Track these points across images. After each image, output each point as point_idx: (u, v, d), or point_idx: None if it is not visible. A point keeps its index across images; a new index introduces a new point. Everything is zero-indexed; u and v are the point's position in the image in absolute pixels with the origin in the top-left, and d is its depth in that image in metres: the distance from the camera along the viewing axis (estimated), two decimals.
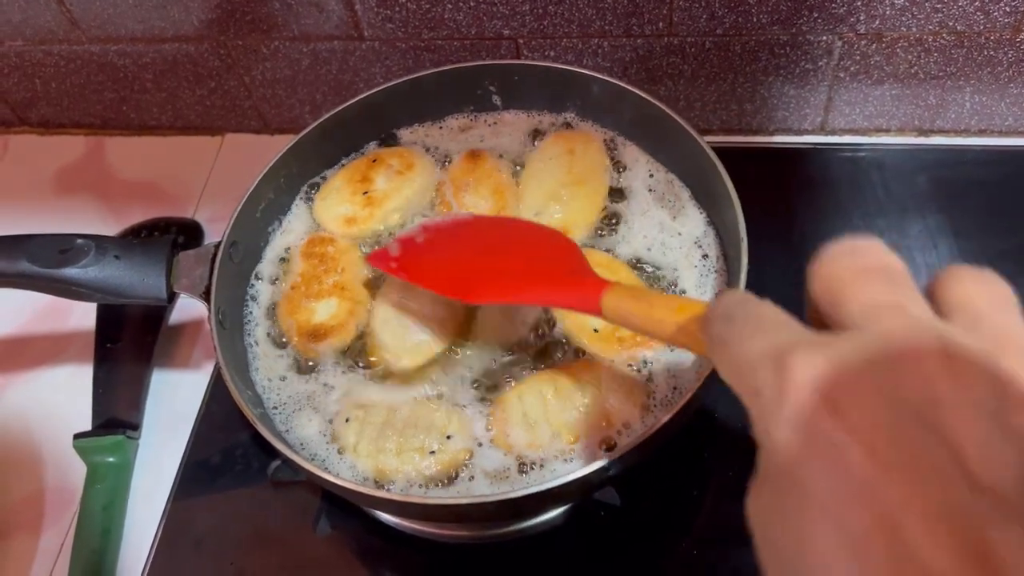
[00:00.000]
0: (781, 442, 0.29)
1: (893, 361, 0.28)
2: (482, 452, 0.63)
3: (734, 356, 0.33)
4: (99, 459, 0.79)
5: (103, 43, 0.97)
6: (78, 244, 0.65)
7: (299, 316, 0.71)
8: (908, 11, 0.82)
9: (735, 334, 0.34)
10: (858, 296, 0.32)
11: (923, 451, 0.26)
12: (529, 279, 0.61)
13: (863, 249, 0.33)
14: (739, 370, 0.33)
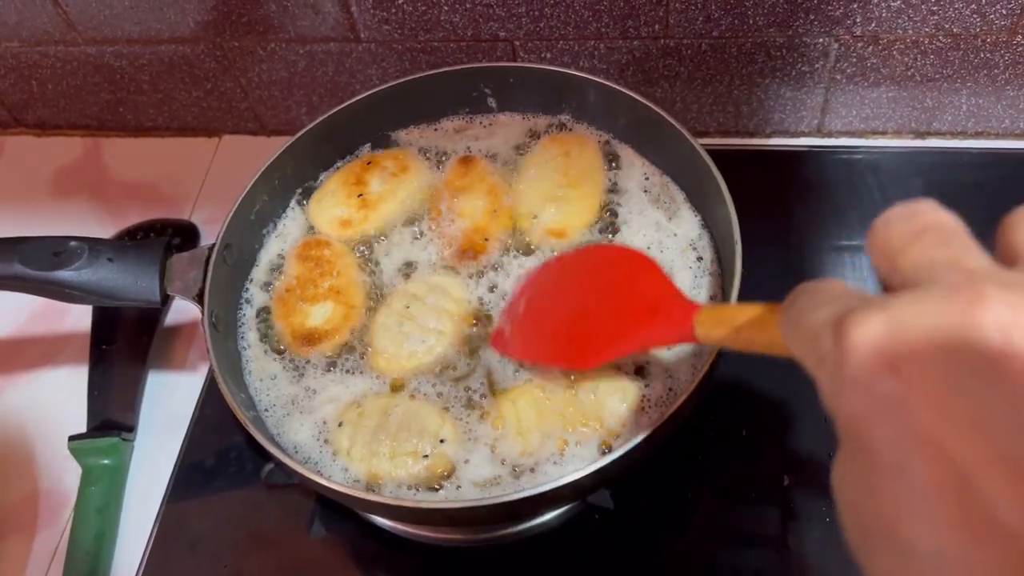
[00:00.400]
0: (845, 406, 0.29)
1: (948, 314, 0.27)
2: (476, 456, 0.63)
3: (800, 333, 0.33)
4: (94, 461, 0.79)
5: (99, 45, 0.97)
6: (71, 247, 0.65)
7: (293, 319, 0.71)
8: (904, 13, 0.82)
9: (800, 307, 0.34)
10: (912, 256, 0.31)
11: (985, 402, 0.26)
12: (622, 328, 0.59)
13: (913, 212, 0.33)
14: (805, 344, 0.33)
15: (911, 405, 0.27)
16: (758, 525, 0.69)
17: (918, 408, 0.27)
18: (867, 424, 0.28)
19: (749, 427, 0.74)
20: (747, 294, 0.63)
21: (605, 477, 0.58)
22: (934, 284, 0.29)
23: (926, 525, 0.27)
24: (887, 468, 0.27)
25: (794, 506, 0.70)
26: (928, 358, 0.27)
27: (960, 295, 0.27)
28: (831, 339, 0.30)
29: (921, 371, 0.27)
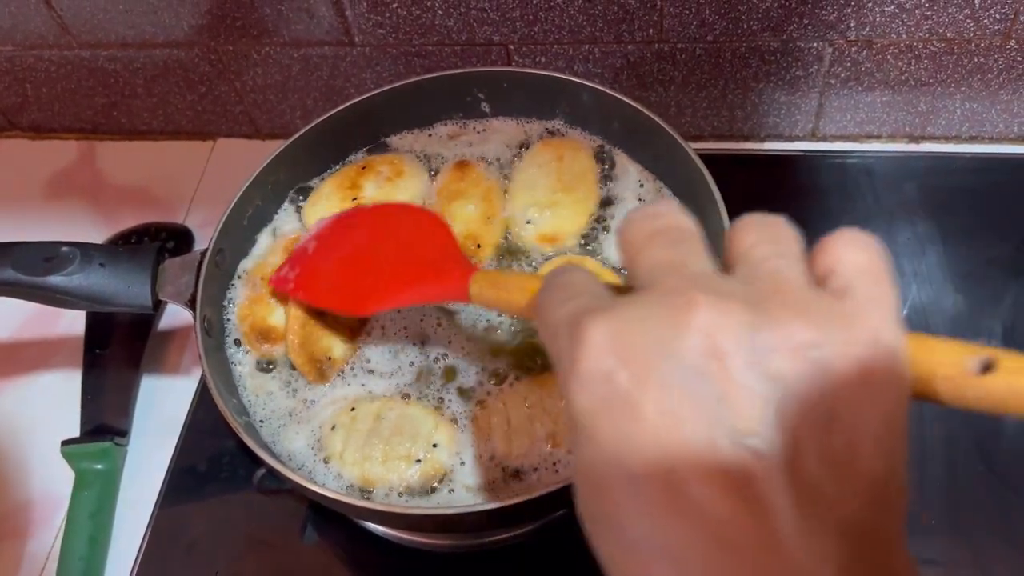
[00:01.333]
0: (575, 403, 0.31)
1: (665, 317, 0.30)
2: (468, 461, 0.63)
3: (545, 323, 0.35)
4: (87, 466, 0.79)
5: (93, 48, 0.97)
6: (63, 252, 0.65)
7: (256, 309, 0.71)
8: (898, 18, 0.82)
9: (546, 301, 0.35)
10: (645, 257, 0.34)
11: (698, 403, 0.28)
12: (405, 280, 0.62)
13: (653, 213, 0.36)
14: (548, 335, 0.35)
15: (631, 406, 0.29)
16: None
17: (637, 409, 0.29)
18: (593, 421, 0.30)
19: None
20: None
21: None
22: (656, 287, 0.32)
23: (639, 511, 0.29)
24: (609, 457, 0.29)
25: None
26: (644, 357, 0.29)
27: (674, 298, 0.30)
28: (567, 338, 0.32)
29: (639, 369, 0.29)
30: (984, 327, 0.78)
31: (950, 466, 0.71)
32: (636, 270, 0.34)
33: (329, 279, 0.67)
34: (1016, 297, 0.79)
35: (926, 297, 0.81)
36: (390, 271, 0.64)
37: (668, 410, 0.28)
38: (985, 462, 0.71)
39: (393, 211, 0.72)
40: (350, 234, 0.69)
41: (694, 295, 0.30)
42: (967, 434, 0.73)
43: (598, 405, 0.30)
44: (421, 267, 0.62)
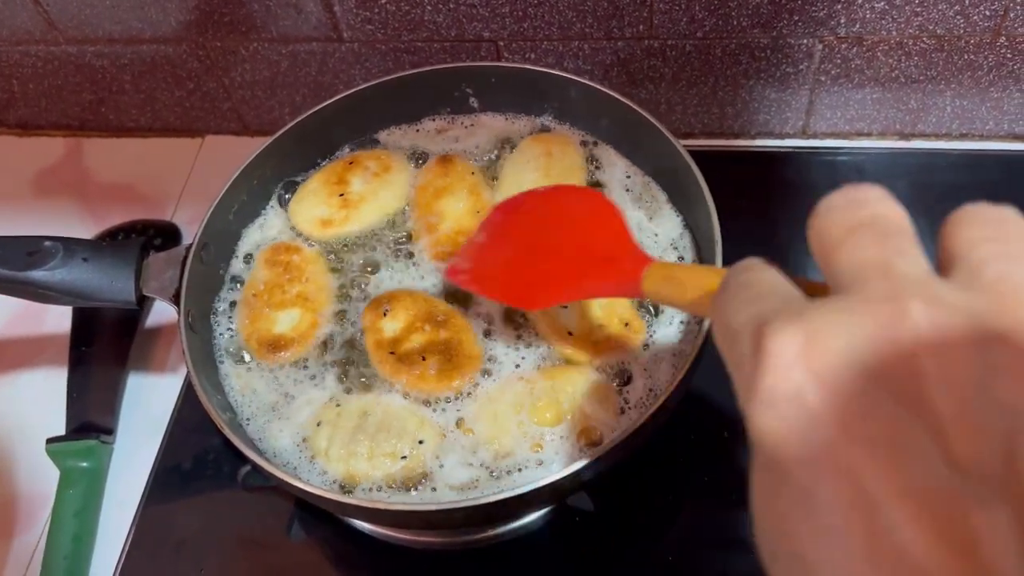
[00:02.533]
0: (756, 418, 0.27)
1: (868, 328, 0.25)
2: (454, 458, 0.63)
3: (722, 327, 0.31)
4: (72, 464, 0.78)
5: (80, 44, 0.97)
6: (46, 246, 0.64)
7: (259, 325, 0.70)
8: (888, 15, 0.82)
9: (726, 302, 0.32)
10: (845, 253, 0.29)
11: (900, 428, 0.24)
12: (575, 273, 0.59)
13: (855, 200, 0.30)
14: (725, 341, 0.31)
15: (824, 427, 0.25)
16: (738, 528, 0.69)
17: (830, 429, 0.25)
18: (777, 442, 0.26)
19: (730, 429, 0.74)
20: None
21: (584, 479, 0.57)
22: (860, 291, 0.27)
23: (832, 556, 0.25)
24: (795, 491, 0.26)
25: None
26: (844, 377, 0.25)
27: (883, 308, 0.26)
28: (749, 345, 0.28)
29: (836, 391, 0.25)
30: None
31: None
32: (834, 269, 0.29)
33: (500, 271, 0.65)
34: None
35: None
36: (560, 263, 0.60)
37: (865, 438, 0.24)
38: None
39: (564, 195, 0.68)
40: (521, 222, 0.66)
41: (907, 303, 0.25)
42: None
43: (784, 430, 0.26)
44: (592, 259, 0.58)
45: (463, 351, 0.67)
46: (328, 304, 0.72)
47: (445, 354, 0.67)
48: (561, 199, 0.66)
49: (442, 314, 0.69)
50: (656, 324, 0.67)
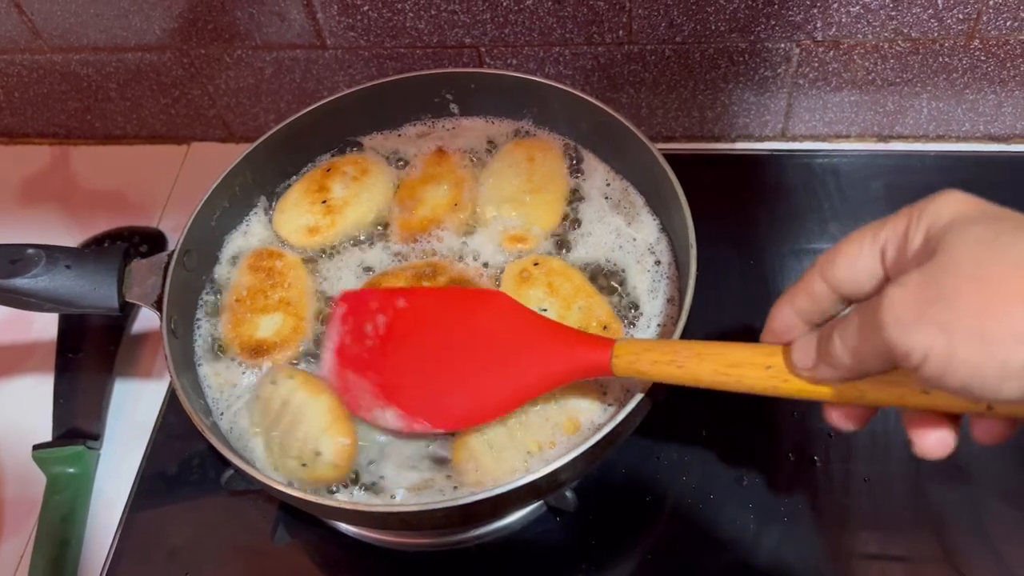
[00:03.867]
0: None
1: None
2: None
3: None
4: (59, 470, 0.79)
5: (65, 52, 0.97)
6: (28, 254, 0.65)
7: (242, 330, 0.71)
8: (863, 18, 0.83)
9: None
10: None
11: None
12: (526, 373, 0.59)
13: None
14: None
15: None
16: (717, 525, 0.70)
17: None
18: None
19: (708, 428, 0.74)
20: (705, 295, 0.63)
21: (561, 479, 0.58)
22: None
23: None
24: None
25: (752, 505, 0.70)
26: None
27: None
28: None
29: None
30: None
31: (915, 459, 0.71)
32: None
33: (422, 390, 0.62)
34: None
35: None
36: (497, 369, 0.60)
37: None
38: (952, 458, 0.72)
39: (465, 297, 0.67)
40: (425, 330, 0.64)
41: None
42: None
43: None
44: (534, 354, 0.59)
45: (472, 284, 0.71)
46: (311, 308, 0.73)
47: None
48: (465, 302, 0.66)
49: (428, 268, 0.72)
50: (634, 329, 0.68)
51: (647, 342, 0.55)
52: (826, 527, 0.69)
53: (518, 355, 0.59)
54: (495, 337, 0.61)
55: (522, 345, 0.59)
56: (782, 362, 0.47)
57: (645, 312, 0.69)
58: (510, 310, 0.62)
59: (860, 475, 0.71)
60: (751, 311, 0.82)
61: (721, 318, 0.78)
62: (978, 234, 0.38)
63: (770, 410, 0.75)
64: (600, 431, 0.57)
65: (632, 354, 0.54)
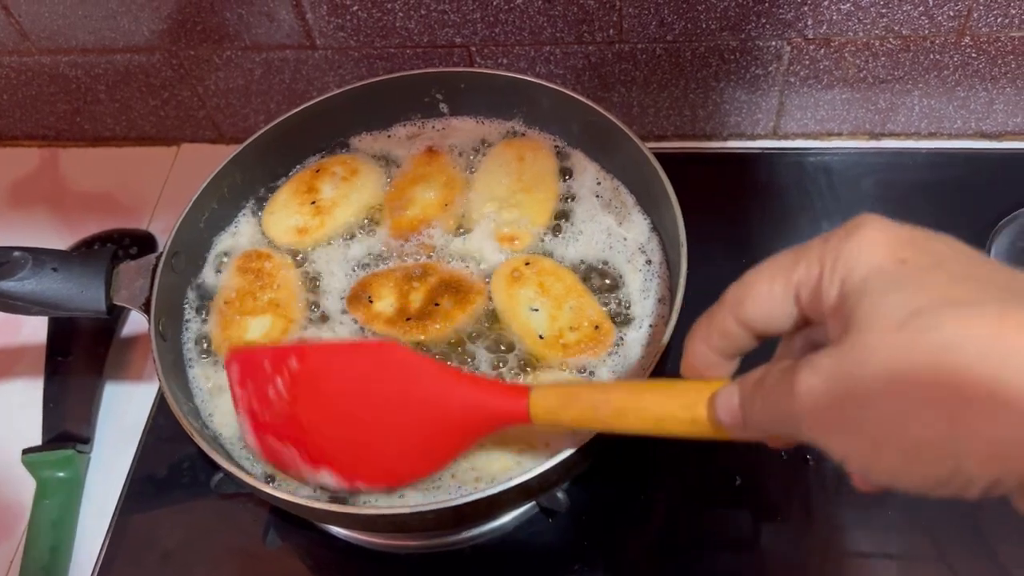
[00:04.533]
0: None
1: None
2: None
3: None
4: (49, 474, 0.78)
5: (54, 54, 0.97)
6: (15, 257, 0.64)
7: (231, 332, 0.71)
8: (854, 16, 0.83)
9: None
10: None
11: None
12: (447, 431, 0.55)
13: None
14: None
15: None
16: (710, 524, 0.70)
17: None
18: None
19: None
20: (696, 294, 0.63)
21: (552, 480, 0.58)
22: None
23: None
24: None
25: (746, 505, 0.70)
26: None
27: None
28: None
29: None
30: None
31: None
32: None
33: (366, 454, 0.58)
34: None
35: None
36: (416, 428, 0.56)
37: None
38: None
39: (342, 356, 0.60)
40: (317, 395, 0.59)
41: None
42: None
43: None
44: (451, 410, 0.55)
45: (463, 284, 0.70)
46: (300, 309, 0.72)
47: (451, 290, 0.70)
48: (353, 359, 0.60)
49: (419, 269, 0.72)
50: (627, 328, 0.68)
51: (564, 393, 0.51)
52: (820, 526, 0.69)
53: (430, 408, 0.56)
54: (402, 391, 0.56)
55: (430, 398, 0.55)
56: (705, 416, 0.44)
57: (636, 311, 0.68)
58: (406, 362, 0.57)
59: None
60: None
61: None
62: (894, 307, 0.34)
63: None
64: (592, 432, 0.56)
65: (550, 410, 0.51)
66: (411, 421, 0.56)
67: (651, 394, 0.47)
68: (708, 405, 0.44)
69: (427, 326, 0.68)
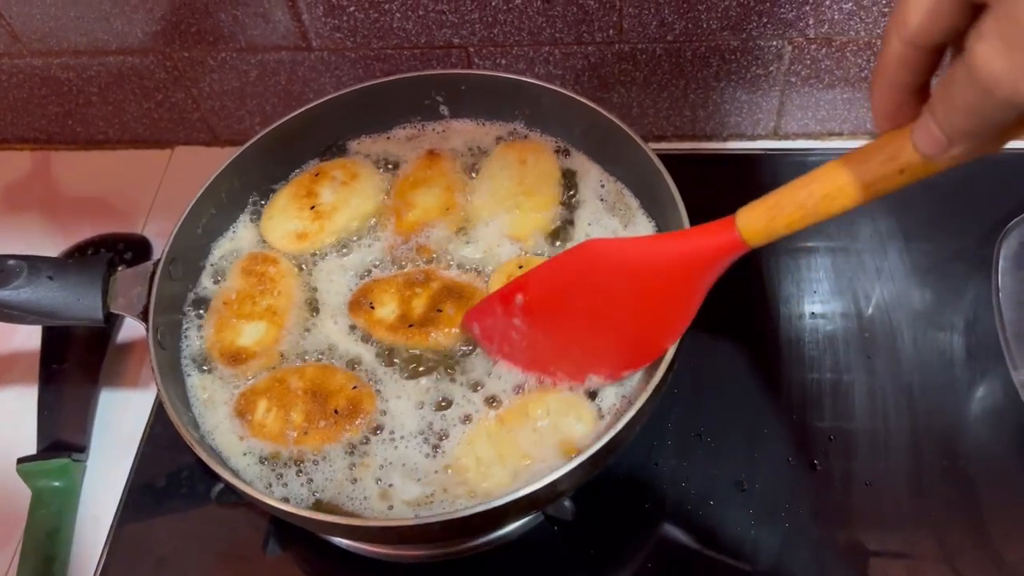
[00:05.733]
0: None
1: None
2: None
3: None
4: (44, 483, 0.77)
5: (45, 56, 0.95)
6: (9, 265, 0.63)
7: (224, 334, 0.70)
8: (856, 15, 0.82)
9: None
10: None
11: None
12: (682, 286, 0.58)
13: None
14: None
15: None
16: (717, 531, 0.69)
17: None
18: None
19: (707, 433, 0.74)
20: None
21: (560, 489, 0.57)
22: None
23: None
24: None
25: (753, 511, 0.69)
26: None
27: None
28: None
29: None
30: (946, 321, 0.79)
31: (915, 461, 0.71)
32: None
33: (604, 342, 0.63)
34: (977, 291, 0.79)
35: (889, 294, 0.81)
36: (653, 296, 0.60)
37: None
38: (949, 456, 0.71)
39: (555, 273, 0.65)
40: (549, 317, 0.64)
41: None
42: (930, 429, 0.73)
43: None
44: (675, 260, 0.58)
45: (466, 290, 0.70)
46: (296, 318, 0.71)
47: (454, 296, 0.69)
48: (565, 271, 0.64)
49: (421, 275, 0.71)
50: None
51: (769, 206, 0.52)
52: (827, 532, 0.69)
53: (649, 279, 0.59)
54: (619, 276, 0.60)
55: (644, 270, 0.59)
56: (911, 158, 0.45)
57: None
58: (607, 249, 0.61)
59: (861, 479, 0.71)
60: (748, 311, 0.81)
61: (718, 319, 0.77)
62: None
63: (769, 414, 0.75)
64: (600, 440, 0.56)
65: (761, 227, 0.52)
66: (638, 301, 0.60)
67: (850, 166, 0.48)
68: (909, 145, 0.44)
69: (429, 332, 0.68)
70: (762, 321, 0.80)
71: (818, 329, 0.79)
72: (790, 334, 0.79)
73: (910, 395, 0.75)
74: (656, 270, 0.58)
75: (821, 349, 0.78)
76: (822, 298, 0.81)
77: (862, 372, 0.76)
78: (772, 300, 0.82)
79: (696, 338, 0.62)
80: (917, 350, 0.77)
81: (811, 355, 0.78)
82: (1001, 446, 0.72)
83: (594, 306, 0.62)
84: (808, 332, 0.79)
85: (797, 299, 0.82)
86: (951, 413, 0.74)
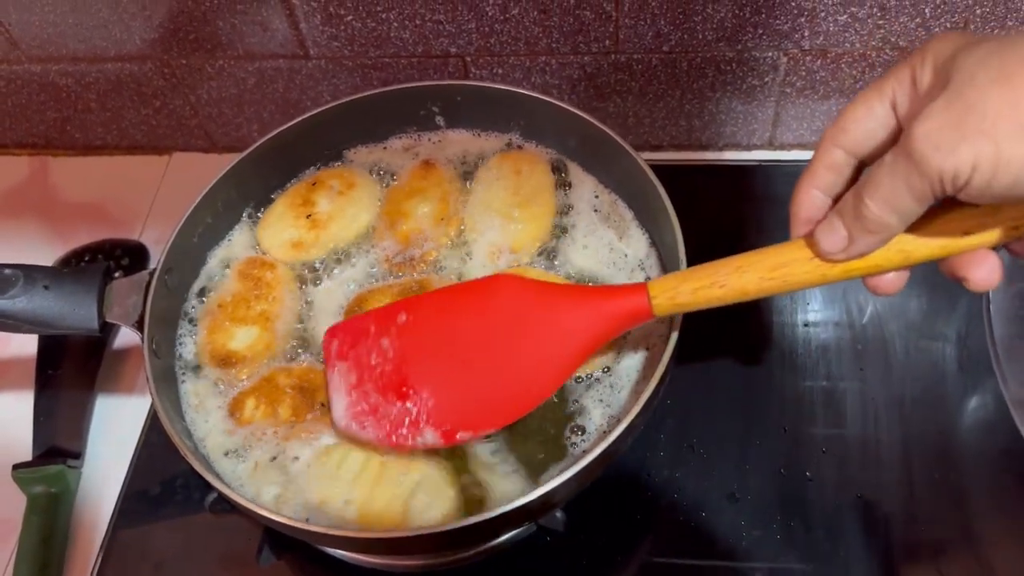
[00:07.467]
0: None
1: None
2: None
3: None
4: (39, 490, 0.77)
5: (44, 63, 0.95)
6: (6, 274, 0.63)
7: (216, 336, 0.70)
8: (851, 27, 0.82)
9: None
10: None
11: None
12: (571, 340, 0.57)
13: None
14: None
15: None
16: (710, 543, 0.69)
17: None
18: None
19: (700, 444, 0.74)
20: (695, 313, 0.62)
21: (553, 501, 0.57)
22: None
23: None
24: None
25: (745, 522, 0.70)
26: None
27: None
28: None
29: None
30: (939, 333, 0.79)
31: (907, 471, 0.72)
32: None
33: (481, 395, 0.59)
34: (969, 304, 0.80)
35: (882, 305, 0.81)
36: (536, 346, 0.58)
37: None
38: (940, 468, 0.72)
39: (454, 298, 0.63)
40: (427, 345, 0.61)
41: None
42: (923, 440, 0.73)
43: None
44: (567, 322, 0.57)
45: None
46: (289, 325, 0.72)
47: None
48: (465, 299, 0.62)
49: (415, 285, 0.71)
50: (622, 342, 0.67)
51: (680, 274, 0.54)
52: (820, 544, 0.69)
53: (548, 328, 0.57)
54: (518, 320, 0.58)
55: (550, 320, 0.57)
56: (804, 267, 0.48)
57: (633, 331, 0.68)
58: (522, 289, 0.59)
59: (853, 490, 0.71)
60: (742, 323, 0.81)
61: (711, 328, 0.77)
62: (985, 50, 0.40)
63: (762, 425, 0.75)
64: (593, 451, 0.56)
65: (669, 290, 0.53)
66: (527, 347, 0.58)
67: (766, 251, 0.50)
68: (804, 255, 0.48)
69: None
70: (755, 331, 0.81)
71: (811, 339, 0.80)
72: (783, 344, 0.80)
73: (902, 406, 0.75)
74: (559, 319, 0.57)
75: (814, 359, 0.79)
76: (815, 308, 0.82)
77: (855, 382, 0.77)
78: (765, 310, 0.82)
79: (689, 348, 0.62)
80: (910, 361, 0.78)
81: (804, 365, 0.78)
82: (992, 458, 0.73)
83: (479, 342, 0.59)
84: (801, 342, 0.80)
85: (791, 309, 0.82)
86: (943, 424, 0.74)
